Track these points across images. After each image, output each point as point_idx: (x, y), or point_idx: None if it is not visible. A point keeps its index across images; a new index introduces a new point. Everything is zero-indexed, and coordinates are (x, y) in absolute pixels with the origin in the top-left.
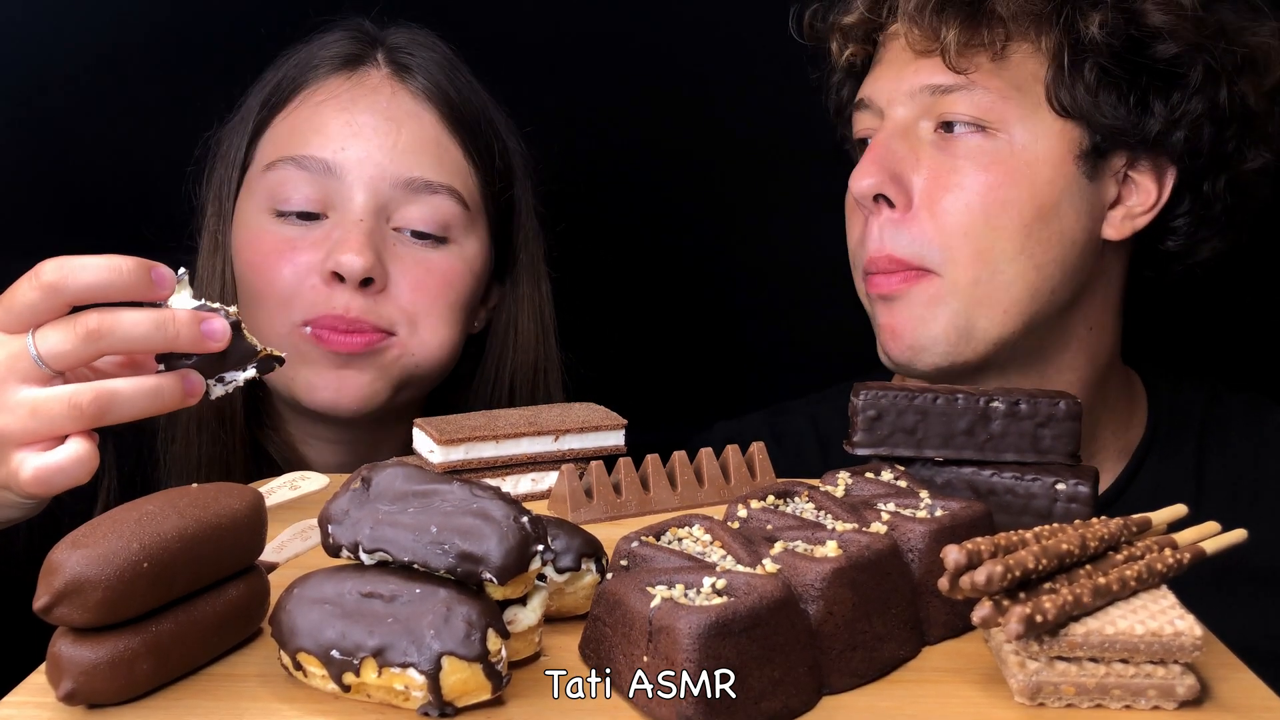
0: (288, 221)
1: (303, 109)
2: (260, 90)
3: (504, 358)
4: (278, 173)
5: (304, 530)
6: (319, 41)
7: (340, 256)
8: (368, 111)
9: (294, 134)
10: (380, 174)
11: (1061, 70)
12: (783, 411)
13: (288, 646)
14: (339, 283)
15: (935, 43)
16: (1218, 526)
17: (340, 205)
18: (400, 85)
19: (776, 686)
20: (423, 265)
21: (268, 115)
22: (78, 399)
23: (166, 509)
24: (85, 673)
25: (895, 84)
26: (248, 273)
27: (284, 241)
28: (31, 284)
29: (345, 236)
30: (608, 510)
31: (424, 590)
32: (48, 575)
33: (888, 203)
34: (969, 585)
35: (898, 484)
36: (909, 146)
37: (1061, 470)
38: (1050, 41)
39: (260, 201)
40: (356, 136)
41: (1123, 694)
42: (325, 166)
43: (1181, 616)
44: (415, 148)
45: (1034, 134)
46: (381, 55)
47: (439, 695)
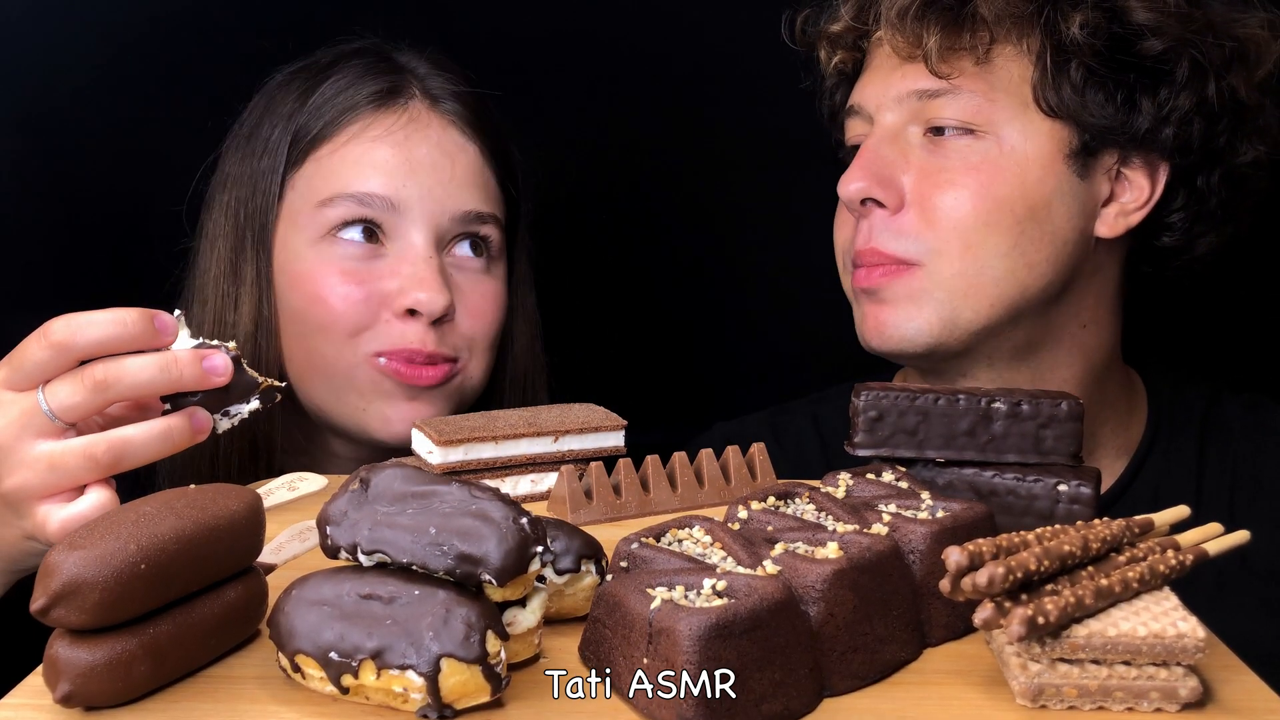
0: (348, 254)
1: (353, 145)
2: (285, 122)
3: (501, 365)
4: (337, 209)
5: (302, 531)
6: (347, 71)
7: (418, 294)
8: (422, 145)
9: (349, 170)
10: (440, 209)
11: (1046, 71)
12: (783, 412)
13: (286, 648)
14: (411, 318)
15: (918, 48)
16: (1220, 528)
17: (400, 238)
18: (443, 117)
19: (777, 688)
20: (475, 292)
21: (305, 149)
22: (93, 450)
23: (164, 510)
24: (82, 675)
25: (883, 90)
26: (308, 305)
27: (348, 274)
28: (41, 343)
29: (418, 274)
30: (607, 511)
31: (423, 592)
32: (45, 577)
33: (877, 205)
34: (970, 587)
35: (899, 485)
36: (898, 150)
37: (1063, 471)
38: (1034, 43)
39: (311, 235)
40: (415, 173)
41: (1125, 696)
42: (388, 203)
43: (1184, 618)
44: (466, 181)
45: (1023, 135)
46: (416, 85)
47: (438, 697)
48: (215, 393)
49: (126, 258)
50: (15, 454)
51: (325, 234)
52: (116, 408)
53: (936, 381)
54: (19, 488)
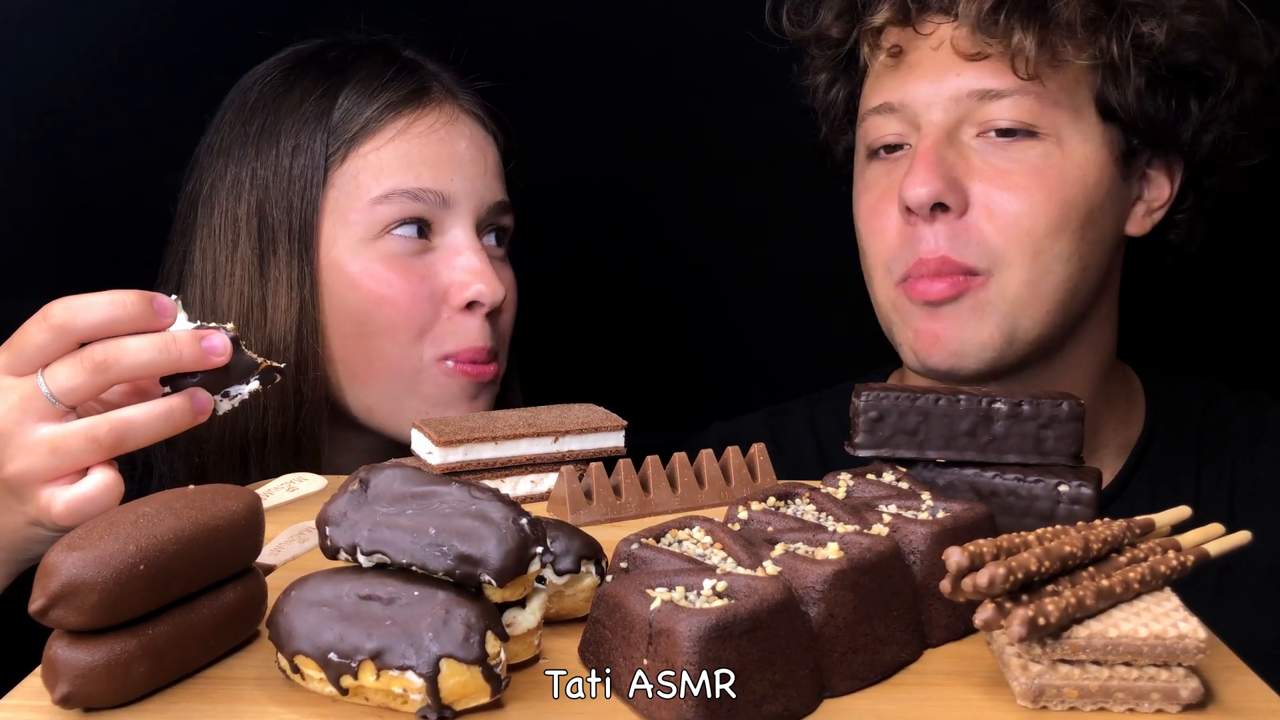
0: (404, 250)
1: (399, 142)
2: (314, 123)
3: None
4: (391, 206)
5: (302, 532)
6: (367, 70)
7: (479, 286)
8: (461, 140)
9: (399, 167)
10: (480, 202)
11: (1112, 74)
12: (780, 413)
13: (285, 649)
14: (470, 311)
15: (990, 47)
16: (1221, 528)
17: (445, 232)
18: (466, 113)
19: (777, 689)
20: (504, 283)
21: (346, 148)
22: (94, 431)
23: (163, 511)
24: (81, 675)
25: (934, 88)
26: (371, 306)
27: (409, 270)
28: (41, 326)
29: (474, 266)
30: (607, 512)
31: (422, 593)
32: (44, 577)
33: (942, 210)
34: (971, 587)
35: (899, 485)
36: (957, 153)
37: (1064, 472)
38: (1100, 46)
39: (363, 233)
40: (458, 168)
41: (1126, 697)
42: (441, 199)
43: (1185, 619)
44: (496, 173)
45: (1081, 137)
46: (438, 83)
47: (437, 698)
48: (215, 374)
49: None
50: (17, 438)
51: (379, 232)
52: (115, 392)
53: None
54: (22, 472)
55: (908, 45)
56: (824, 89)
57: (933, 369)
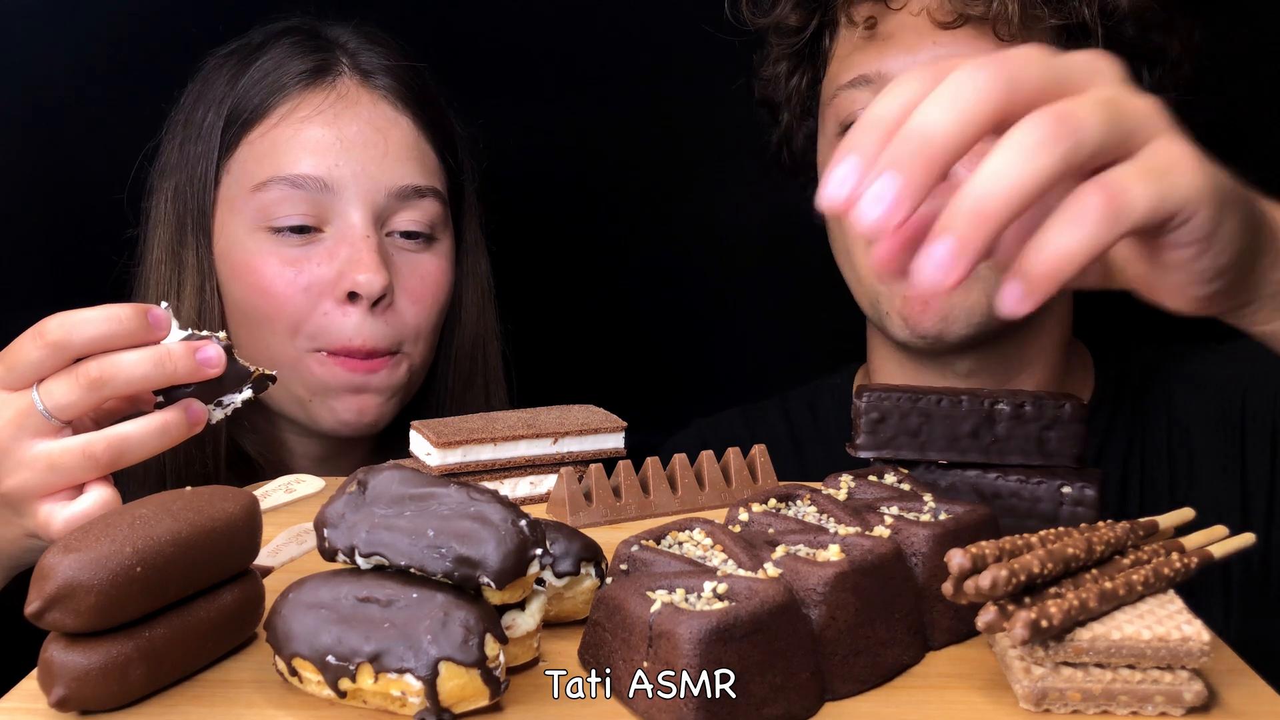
0: (285, 240)
1: (283, 126)
2: (215, 104)
3: (452, 332)
4: (270, 193)
5: (299, 534)
6: (275, 52)
7: (357, 276)
8: (353, 123)
9: (280, 152)
10: (374, 186)
11: (1076, 43)
12: (756, 408)
13: (283, 652)
14: (351, 303)
15: (972, 8)
16: (1225, 530)
17: (337, 220)
18: (373, 92)
19: (778, 692)
20: (416, 273)
21: (239, 132)
22: (91, 448)
23: (160, 512)
24: (77, 678)
25: (912, 57)
26: (251, 296)
27: (288, 261)
28: (35, 342)
29: (356, 255)
30: (607, 514)
31: (421, 595)
32: (40, 580)
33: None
34: (973, 590)
35: (901, 487)
36: None
37: (1067, 473)
38: (1074, 7)
39: (250, 221)
40: (346, 152)
41: (1129, 700)
42: (321, 184)
43: (1189, 621)
44: (401, 156)
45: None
46: (346, 61)
47: (436, 701)
48: (208, 384)
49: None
50: (13, 454)
51: (262, 221)
52: (109, 402)
53: (919, 363)
54: (19, 488)
55: (881, 17)
56: (785, 77)
57: (922, 334)
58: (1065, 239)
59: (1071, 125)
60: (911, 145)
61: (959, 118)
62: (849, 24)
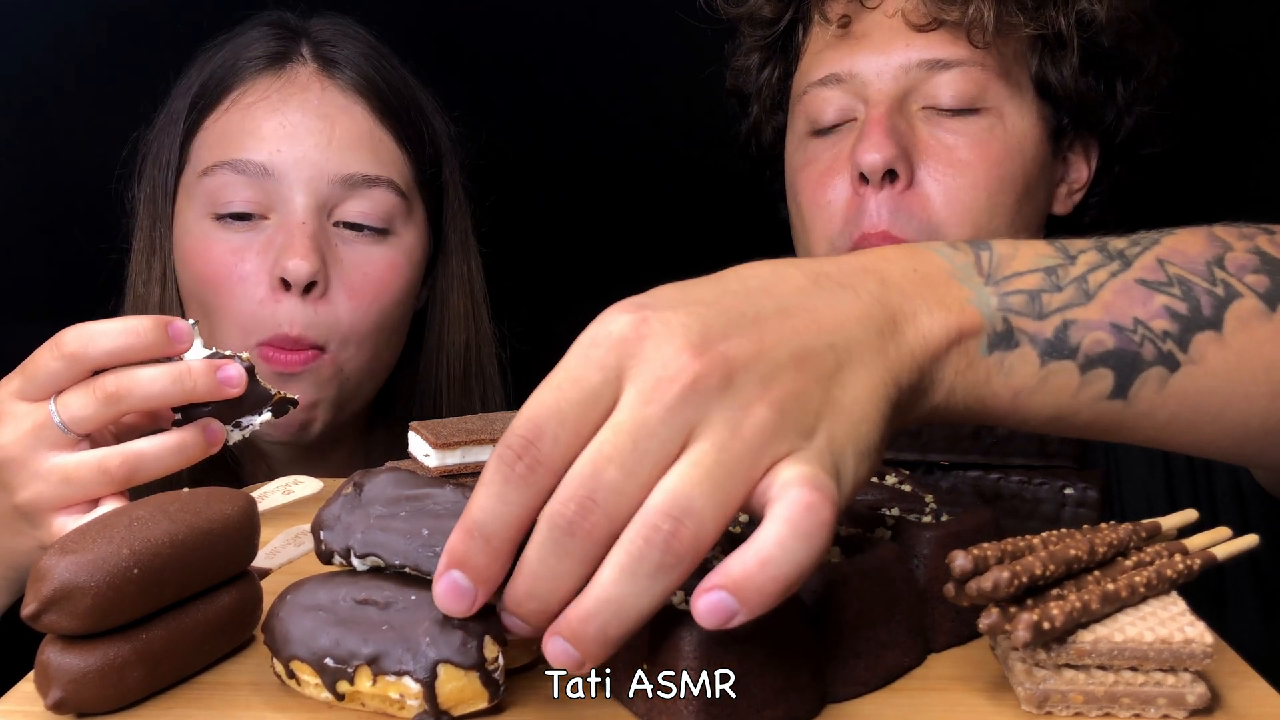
0: (229, 227)
1: (233, 111)
2: (187, 91)
3: (440, 336)
4: (215, 178)
5: (297, 536)
6: (243, 39)
7: (286, 262)
8: (299, 110)
9: (227, 138)
10: (318, 173)
11: (1051, 51)
12: None
13: (281, 654)
14: (284, 290)
15: (947, 14)
16: (1229, 531)
17: (280, 208)
18: (329, 80)
19: (779, 695)
20: (361, 268)
21: (198, 117)
22: (107, 464)
23: (157, 514)
24: (74, 681)
25: (884, 58)
26: (198, 286)
27: (232, 252)
28: (53, 354)
29: (289, 241)
30: None
31: (420, 597)
32: (36, 581)
33: (891, 179)
34: (975, 591)
35: (902, 488)
36: (906, 123)
37: (1069, 474)
38: (1050, 17)
39: (200, 207)
40: (290, 137)
41: (1132, 702)
42: (262, 169)
43: (1191, 623)
44: (350, 143)
45: (1019, 113)
46: (307, 50)
47: (435, 704)
48: (228, 404)
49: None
50: (29, 467)
51: (209, 208)
52: (129, 416)
53: None
54: (33, 500)
55: (855, 16)
56: (757, 69)
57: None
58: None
59: (690, 531)
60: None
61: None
62: (822, 21)
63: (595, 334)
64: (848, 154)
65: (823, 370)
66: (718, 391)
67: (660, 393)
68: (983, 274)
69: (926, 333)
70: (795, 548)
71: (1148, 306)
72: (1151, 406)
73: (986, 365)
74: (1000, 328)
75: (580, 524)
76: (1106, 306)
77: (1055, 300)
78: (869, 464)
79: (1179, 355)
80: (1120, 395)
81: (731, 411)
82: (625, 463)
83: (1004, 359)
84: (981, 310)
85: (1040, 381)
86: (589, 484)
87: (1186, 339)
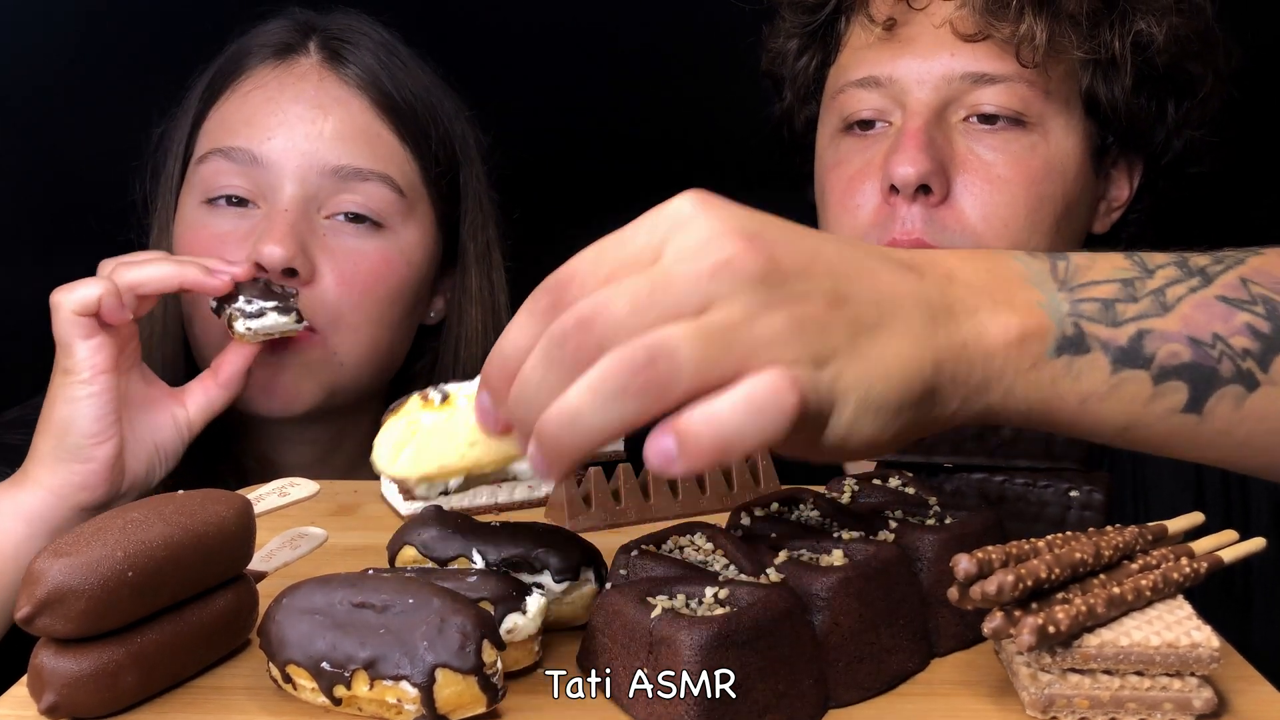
0: (220, 214)
1: (232, 99)
2: (200, 82)
3: (457, 350)
4: (209, 165)
5: (293, 538)
6: (255, 31)
7: (262, 247)
8: (294, 100)
9: (224, 125)
10: (307, 163)
11: (1104, 70)
12: None
13: (277, 658)
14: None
15: (997, 30)
16: (1235, 534)
17: (269, 196)
18: (330, 72)
19: (780, 699)
20: (352, 258)
21: (205, 107)
22: (102, 270)
23: (152, 516)
24: (68, 685)
25: (926, 66)
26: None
27: (216, 236)
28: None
29: (269, 227)
30: (606, 518)
31: (417, 600)
32: (29, 584)
33: (925, 191)
34: (979, 595)
35: (906, 491)
36: (944, 135)
37: (1075, 477)
38: (1105, 40)
39: (195, 194)
40: (282, 125)
41: (1138, 707)
42: (252, 157)
43: (1198, 627)
44: (343, 135)
45: (1064, 130)
46: (314, 43)
47: (433, 708)
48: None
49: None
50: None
51: (204, 195)
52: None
53: None
54: (63, 338)
55: (901, 19)
56: (794, 56)
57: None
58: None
59: (662, 371)
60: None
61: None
62: (867, 19)
63: (655, 210)
64: (879, 161)
65: (859, 319)
66: (749, 280)
67: (695, 258)
68: (1057, 280)
69: (983, 328)
70: (745, 418)
71: (1228, 323)
72: (1228, 424)
73: (1053, 368)
74: (1070, 332)
75: (572, 337)
76: (1185, 320)
77: (1131, 310)
78: (874, 424)
79: (1259, 374)
80: (1194, 410)
81: (754, 303)
82: (635, 302)
83: (1073, 363)
84: (1050, 313)
85: (1111, 389)
86: (594, 308)
87: (1268, 359)
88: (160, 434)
